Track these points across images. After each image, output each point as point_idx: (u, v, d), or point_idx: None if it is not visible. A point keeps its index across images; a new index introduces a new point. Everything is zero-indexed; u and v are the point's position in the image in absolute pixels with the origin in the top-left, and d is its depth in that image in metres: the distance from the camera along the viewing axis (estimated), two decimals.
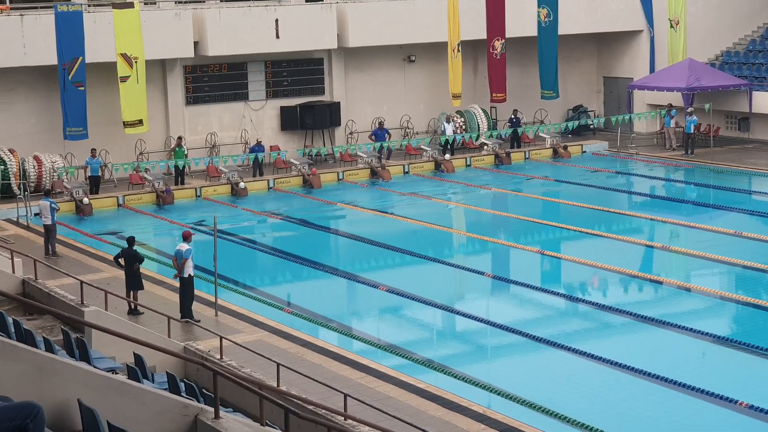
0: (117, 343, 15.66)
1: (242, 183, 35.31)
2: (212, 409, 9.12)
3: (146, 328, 18.10)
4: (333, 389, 15.43)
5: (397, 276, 25.61)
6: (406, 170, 38.37)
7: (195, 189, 35.42)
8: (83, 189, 33.23)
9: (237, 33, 37.93)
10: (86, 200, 32.66)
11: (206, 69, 38.94)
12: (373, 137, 39.56)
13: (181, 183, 35.91)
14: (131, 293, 21.91)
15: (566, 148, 40.45)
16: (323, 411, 13.50)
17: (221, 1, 39.00)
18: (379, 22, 40.22)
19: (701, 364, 19.50)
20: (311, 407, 13.60)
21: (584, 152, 41.21)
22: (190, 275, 21.22)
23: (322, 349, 19.40)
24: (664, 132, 41.43)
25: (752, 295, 22.88)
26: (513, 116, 41.62)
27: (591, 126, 43.80)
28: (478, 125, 41.71)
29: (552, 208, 32.76)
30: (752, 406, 16.53)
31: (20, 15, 34.91)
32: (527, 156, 40.31)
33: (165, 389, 12.90)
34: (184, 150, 36.35)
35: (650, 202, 33.56)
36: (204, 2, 38.87)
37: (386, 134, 39.62)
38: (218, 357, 17.18)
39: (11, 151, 34.40)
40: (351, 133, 40.88)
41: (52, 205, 27.18)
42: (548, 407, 16.67)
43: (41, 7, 36.26)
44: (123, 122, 35.90)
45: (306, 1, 39.97)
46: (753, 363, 19.08)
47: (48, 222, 27.03)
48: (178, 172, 35.95)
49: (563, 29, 42.00)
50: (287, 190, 35.98)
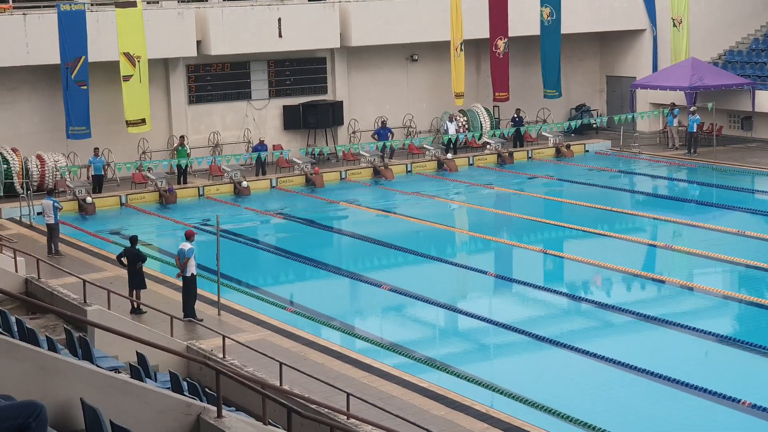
0: (120, 342, 15.66)
1: (245, 182, 35.31)
2: (215, 408, 9.12)
3: (149, 327, 18.11)
4: (336, 388, 15.42)
5: (400, 275, 25.62)
6: (409, 169, 38.36)
7: (198, 188, 35.44)
8: (86, 188, 33.25)
9: (240, 32, 37.93)
10: (89, 199, 32.68)
11: (209, 68, 38.94)
12: (376, 136, 39.56)
13: (184, 182, 35.92)
14: (134, 292, 21.92)
15: (569, 148, 40.43)
16: (326, 410, 13.50)
17: (224, 0, 38.99)
18: (382, 22, 40.21)
19: (704, 364, 19.50)
20: (314, 406, 13.60)
21: (587, 151, 41.19)
22: (193, 274, 21.23)
23: (325, 348, 19.40)
24: (667, 131, 41.41)
25: (755, 295, 22.87)
26: (516, 115, 41.59)
27: (594, 125, 43.78)
28: (481, 124, 41.68)
29: (554, 208, 32.74)
30: (755, 405, 16.52)
31: (23, 14, 34.93)
32: (530, 155, 40.29)
33: (168, 388, 12.90)
34: (187, 149, 36.35)
35: (653, 202, 33.53)
36: (207, 1, 38.86)
37: (389, 133, 39.60)
38: (221, 356, 17.19)
39: (14, 151, 34.41)
40: (354, 133, 40.88)
41: (55, 204, 27.18)
42: (551, 406, 16.66)
43: (44, 6, 36.28)
44: (126, 121, 35.91)
45: (309, 1, 39.94)
46: (756, 362, 19.07)
47: (51, 221, 27.04)
48: (181, 171, 35.96)
49: (566, 28, 41.97)
50: (290, 190, 35.98)
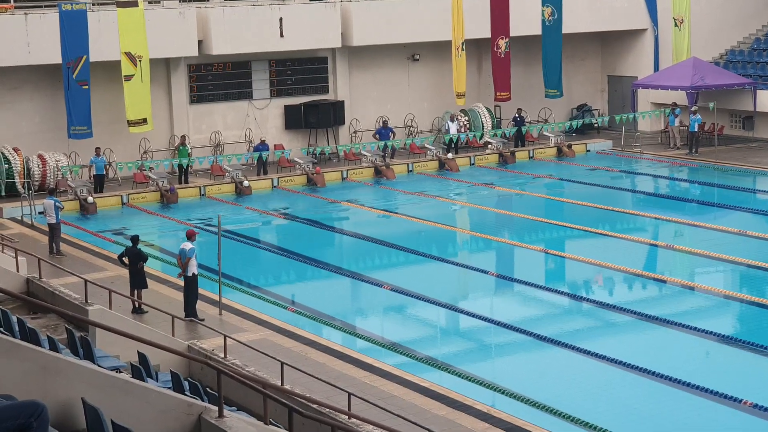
0: (121, 342, 15.67)
1: (246, 182, 35.31)
2: (216, 408, 9.12)
3: (150, 327, 18.12)
4: (337, 388, 15.42)
5: (402, 275, 25.61)
6: (410, 169, 38.35)
7: (199, 188, 35.44)
8: (87, 188, 33.26)
9: (241, 32, 37.93)
10: (90, 199, 32.68)
11: (210, 68, 38.94)
12: (377, 136, 39.56)
13: (185, 182, 35.92)
14: (135, 292, 21.92)
15: (570, 147, 40.42)
16: (327, 410, 13.49)
17: (225, 0, 38.98)
18: (384, 21, 40.20)
19: (705, 363, 19.49)
20: (315, 406, 13.60)
21: (588, 151, 41.19)
22: (194, 274, 21.23)
23: (327, 348, 19.40)
24: (669, 131, 41.38)
25: (756, 294, 22.86)
26: (517, 115, 41.58)
27: (595, 125, 43.76)
28: (482, 124, 41.67)
29: (556, 207, 32.73)
30: (756, 405, 16.51)
31: (24, 14, 34.93)
32: (531, 155, 40.28)
33: (169, 388, 12.90)
34: (188, 149, 36.35)
35: (654, 201, 33.50)
36: (208, 1, 38.85)
37: (390, 133, 39.60)
38: (222, 356, 17.19)
39: (15, 150, 34.42)
40: (355, 132, 40.88)
41: (57, 204, 27.18)
42: (553, 406, 16.66)
43: (45, 6, 36.27)
44: (127, 121, 35.91)
45: (310, 0, 39.95)
46: (757, 362, 19.05)
47: (52, 221, 27.04)
48: (182, 171, 35.96)
49: (567, 28, 41.96)
50: (291, 189, 35.98)
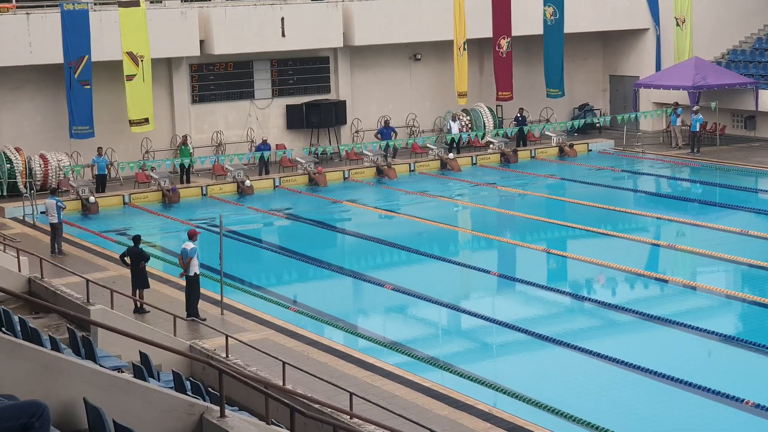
0: (123, 342, 15.69)
1: (248, 181, 35.31)
2: (218, 408, 9.13)
3: (152, 327, 18.13)
4: (339, 388, 15.42)
5: (403, 274, 25.62)
6: (412, 169, 38.35)
7: (201, 187, 35.45)
8: (89, 187, 33.28)
9: (243, 31, 37.93)
10: (92, 199, 32.69)
11: (212, 67, 38.95)
12: (379, 136, 39.57)
13: (187, 181, 35.93)
14: (137, 292, 21.93)
15: (572, 147, 40.41)
16: (329, 410, 13.49)
17: (227, 0, 38.98)
18: (385, 21, 40.20)
19: (707, 363, 19.49)
20: (317, 406, 13.60)
21: (590, 151, 41.19)
22: (196, 274, 21.23)
23: (328, 348, 19.40)
24: (670, 130, 41.37)
25: (758, 294, 22.84)
26: (519, 114, 41.58)
27: (597, 124, 43.75)
28: (484, 124, 41.66)
29: (557, 207, 32.72)
30: (758, 405, 16.49)
31: (26, 14, 34.94)
32: (533, 154, 40.28)
33: (171, 388, 12.90)
34: (189, 148, 36.36)
35: (656, 201, 33.48)
36: (210, 1, 38.85)
37: (392, 133, 39.61)
38: (224, 356, 17.19)
39: (17, 150, 34.43)
40: (357, 132, 40.88)
41: (59, 204, 27.19)
42: (554, 406, 16.65)
43: (47, 6, 36.26)
44: (129, 121, 35.91)
45: (312, 0, 39.95)
46: (759, 362, 19.05)
47: (54, 220, 27.04)
48: (184, 171, 35.97)
49: (569, 27, 41.94)
50: (293, 189, 35.99)
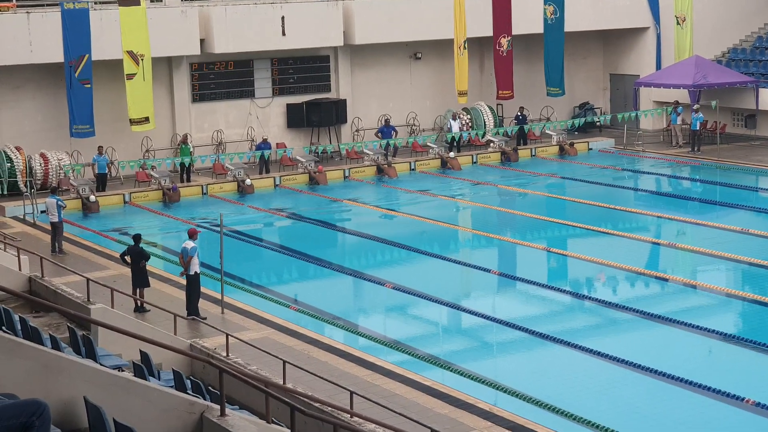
0: (123, 341, 15.71)
1: (248, 180, 35.31)
2: (218, 407, 9.13)
3: (152, 326, 18.13)
4: (339, 386, 15.42)
5: (404, 273, 25.61)
6: (412, 167, 38.35)
7: (201, 186, 35.45)
8: (90, 186, 33.28)
9: (243, 30, 37.92)
10: (93, 198, 32.69)
11: (212, 66, 38.94)
12: (380, 134, 39.56)
13: (188, 180, 35.93)
14: (137, 291, 21.93)
15: (572, 145, 40.41)
16: (329, 408, 13.50)
17: None
18: (386, 20, 40.18)
19: (708, 362, 19.47)
20: (317, 405, 13.61)
21: (590, 149, 41.18)
22: (197, 272, 21.23)
23: (329, 347, 19.41)
24: (671, 129, 41.37)
25: (759, 293, 22.85)
26: (519, 113, 41.58)
27: (597, 123, 43.73)
28: (485, 122, 41.65)
29: (558, 205, 32.72)
30: (759, 404, 16.50)
31: (27, 12, 34.93)
32: (533, 153, 40.28)
33: (171, 387, 12.91)
34: (190, 147, 36.36)
35: (656, 200, 33.48)
36: None
37: (392, 131, 39.61)
38: (224, 354, 17.19)
39: (18, 149, 34.42)
40: (357, 131, 40.87)
41: (59, 203, 27.19)
42: (555, 404, 16.66)
43: (48, 5, 36.25)
44: (129, 120, 35.91)
45: None
46: (760, 360, 19.05)
47: (54, 219, 27.05)
48: (184, 170, 35.97)
49: (569, 26, 41.93)
50: (293, 188, 35.99)
